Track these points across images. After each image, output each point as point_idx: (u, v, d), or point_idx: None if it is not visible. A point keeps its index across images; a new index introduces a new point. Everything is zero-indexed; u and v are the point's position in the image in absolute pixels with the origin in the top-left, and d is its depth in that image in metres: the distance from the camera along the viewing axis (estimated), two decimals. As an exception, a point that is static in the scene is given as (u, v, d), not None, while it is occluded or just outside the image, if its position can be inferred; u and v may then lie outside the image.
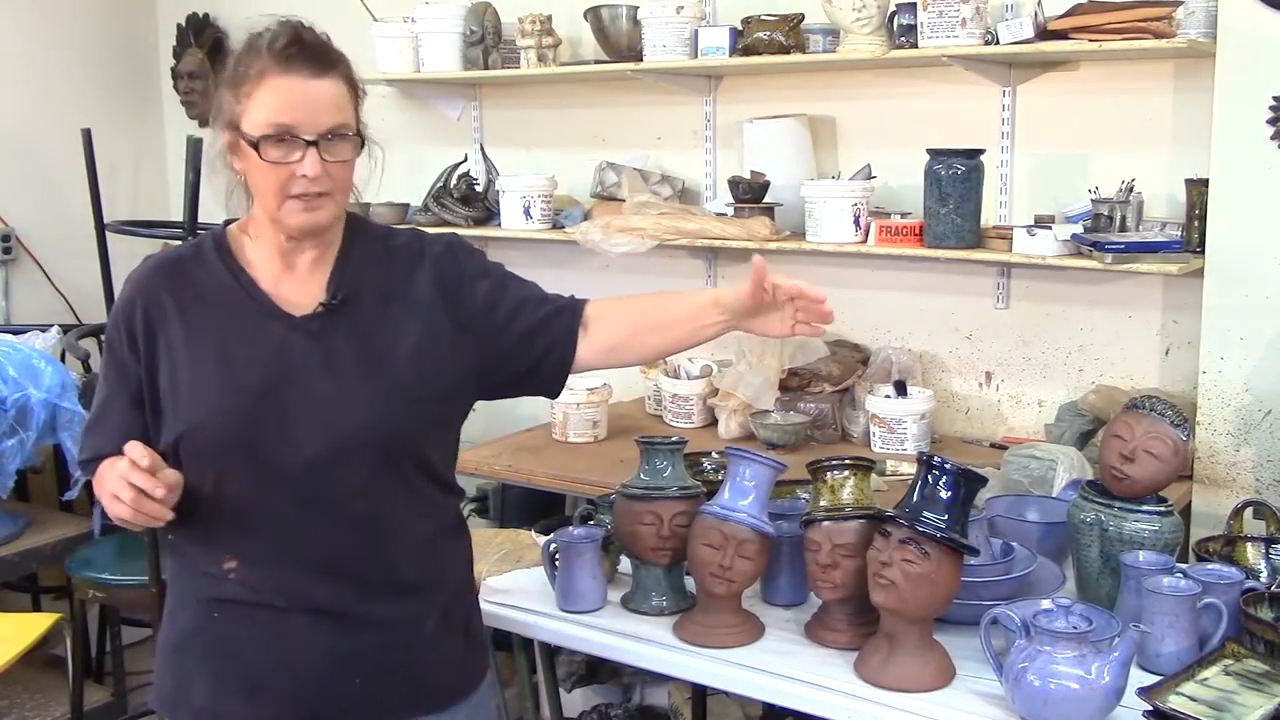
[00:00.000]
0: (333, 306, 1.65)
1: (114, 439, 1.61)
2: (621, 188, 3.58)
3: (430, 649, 1.72)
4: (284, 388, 1.61)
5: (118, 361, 1.68)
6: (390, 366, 1.65)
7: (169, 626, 1.73)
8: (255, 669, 1.65)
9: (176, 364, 1.63)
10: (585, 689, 3.31)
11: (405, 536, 1.68)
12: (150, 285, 1.67)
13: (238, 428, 1.59)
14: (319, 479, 1.60)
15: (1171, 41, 2.72)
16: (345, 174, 1.63)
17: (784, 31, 3.24)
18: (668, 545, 1.98)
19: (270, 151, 1.56)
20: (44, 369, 3.26)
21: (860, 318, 3.49)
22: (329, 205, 1.61)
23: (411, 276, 1.71)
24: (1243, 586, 1.87)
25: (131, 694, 3.64)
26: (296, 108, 1.56)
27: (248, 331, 1.64)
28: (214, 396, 1.61)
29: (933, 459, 1.78)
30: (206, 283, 1.67)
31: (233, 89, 1.60)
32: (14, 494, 3.37)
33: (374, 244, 1.73)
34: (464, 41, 3.74)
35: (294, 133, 1.56)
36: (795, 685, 1.81)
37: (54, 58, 4.47)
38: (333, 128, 1.58)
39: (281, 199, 1.58)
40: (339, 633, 1.65)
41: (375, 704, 1.67)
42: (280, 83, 1.56)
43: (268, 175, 1.57)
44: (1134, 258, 2.78)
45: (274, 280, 1.66)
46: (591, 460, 3.16)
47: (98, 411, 1.70)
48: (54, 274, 4.46)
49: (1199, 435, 2.79)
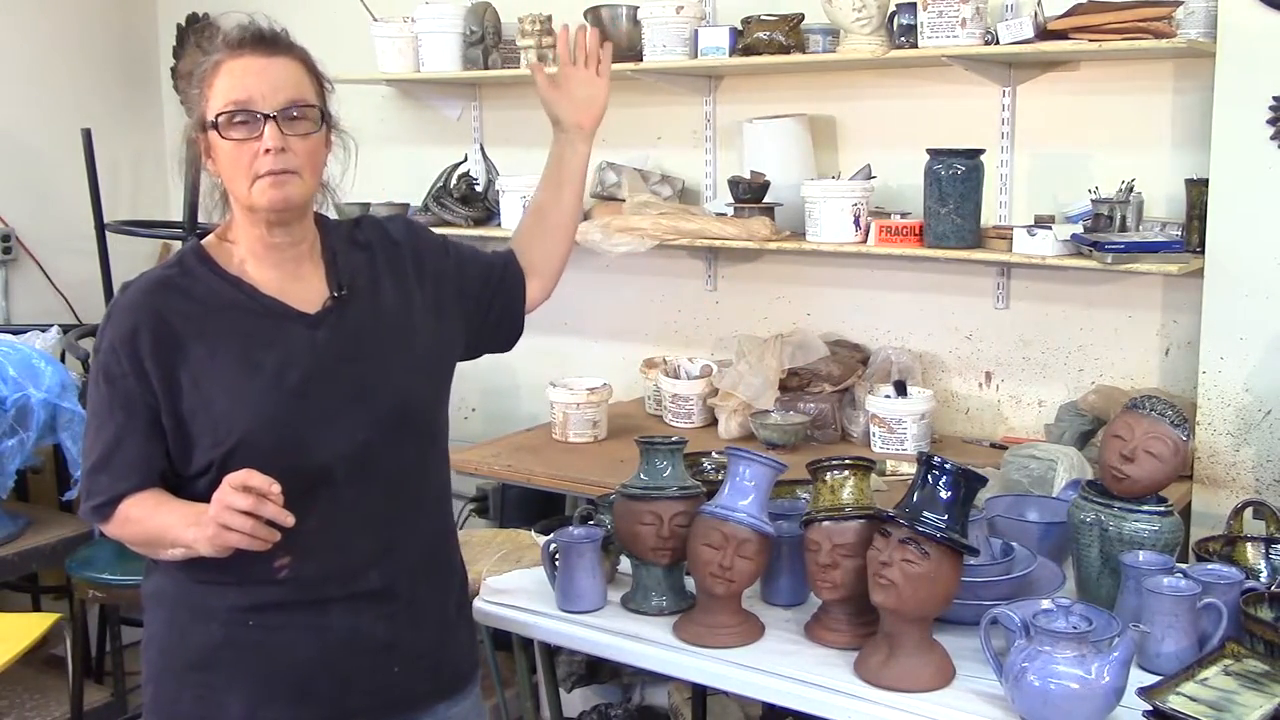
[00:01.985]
0: (341, 299, 1.70)
1: (133, 476, 1.61)
2: (621, 188, 3.58)
3: (451, 632, 1.80)
4: (319, 382, 1.64)
5: (122, 394, 1.62)
6: (407, 343, 1.74)
7: (179, 646, 1.68)
8: (299, 671, 1.65)
9: (201, 381, 1.61)
10: (585, 689, 3.31)
11: (439, 513, 1.81)
12: (150, 308, 1.63)
13: (288, 430, 1.61)
14: (367, 460, 1.65)
15: (1171, 41, 2.72)
16: (310, 150, 1.64)
17: (784, 31, 3.24)
18: (668, 545, 1.98)
19: (232, 131, 1.59)
20: (44, 369, 3.25)
21: (860, 318, 3.50)
22: (296, 183, 1.63)
23: (392, 258, 1.79)
24: (1243, 586, 1.87)
25: (131, 694, 3.64)
26: (250, 85, 1.60)
27: (266, 336, 1.65)
28: (257, 404, 1.61)
29: (933, 459, 1.78)
30: (208, 296, 1.65)
31: (197, 88, 1.64)
32: (14, 494, 3.37)
33: (344, 237, 1.78)
34: (464, 41, 3.74)
35: (251, 108, 1.59)
36: (795, 685, 1.81)
37: (54, 58, 4.47)
38: (290, 102, 1.61)
39: (250, 179, 1.61)
40: (380, 619, 1.68)
41: (410, 693, 1.73)
42: (234, 64, 1.61)
43: (233, 157, 1.60)
44: (1134, 258, 2.78)
45: (273, 284, 1.68)
46: (591, 460, 3.16)
47: (105, 450, 1.63)
48: (54, 274, 4.46)
49: (1199, 435, 2.79)
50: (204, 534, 1.52)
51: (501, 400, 4.08)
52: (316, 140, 1.65)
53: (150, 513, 1.62)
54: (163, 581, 1.70)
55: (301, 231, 1.70)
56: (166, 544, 1.61)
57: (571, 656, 3.14)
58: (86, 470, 1.66)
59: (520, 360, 4.10)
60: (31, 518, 3.53)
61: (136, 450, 1.62)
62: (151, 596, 1.73)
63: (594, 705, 3.24)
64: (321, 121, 1.65)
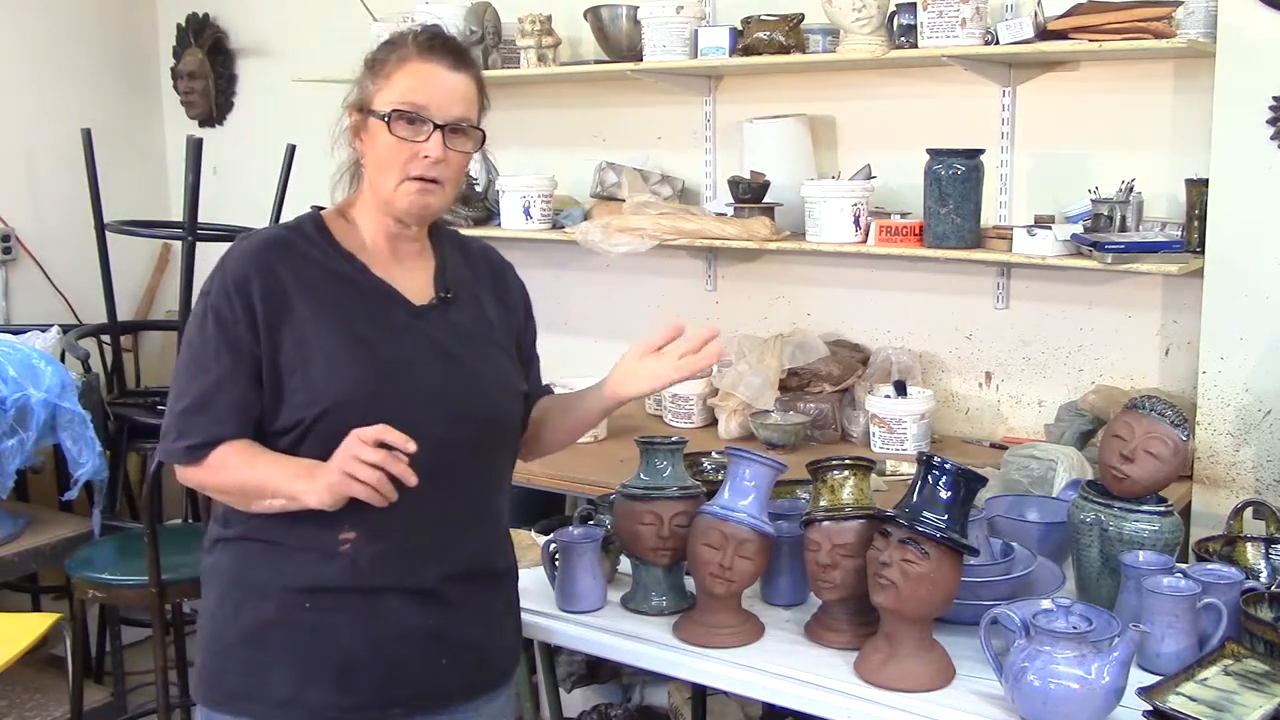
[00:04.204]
0: (446, 299, 1.76)
1: (232, 421, 1.63)
2: (621, 188, 3.58)
3: (499, 630, 1.82)
4: (414, 369, 1.68)
5: (231, 339, 1.63)
6: (499, 354, 1.81)
7: (232, 620, 1.70)
8: (347, 655, 1.67)
9: (304, 339, 1.64)
10: (585, 689, 3.31)
11: (499, 520, 1.84)
12: (265, 261, 1.67)
13: (378, 403, 1.63)
14: (443, 455, 1.66)
15: (1171, 41, 2.72)
16: (461, 166, 1.72)
17: (784, 31, 3.24)
18: (668, 545, 1.98)
19: (400, 128, 1.65)
20: (44, 369, 3.25)
21: (860, 318, 3.50)
22: (440, 194, 1.70)
23: (499, 284, 1.87)
24: (1243, 586, 1.87)
25: (131, 694, 3.65)
26: (430, 91, 1.67)
27: (371, 313, 1.69)
28: (354, 372, 1.64)
29: (933, 459, 1.78)
30: (322, 261, 1.70)
31: (371, 72, 1.71)
32: (14, 494, 3.38)
33: (455, 245, 1.85)
34: (464, 41, 3.74)
35: (424, 113, 1.66)
36: (795, 685, 1.81)
37: (54, 58, 4.48)
38: (461, 118, 1.69)
39: (400, 178, 1.67)
40: (430, 614, 1.70)
41: (453, 686, 1.74)
42: (420, 67, 1.68)
43: (392, 152, 1.66)
44: (1134, 258, 2.78)
45: (384, 268, 1.73)
46: (591, 460, 3.16)
47: (206, 392, 1.64)
48: (54, 274, 4.46)
49: (1199, 435, 2.79)
50: (322, 483, 1.56)
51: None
52: (468, 158, 1.73)
53: (249, 461, 1.64)
54: (222, 558, 1.73)
55: (422, 231, 1.78)
56: (267, 494, 1.62)
57: (571, 656, 3.15)
58: (180, 410, 1.65)
59: (520, 360, 4.13)
60: (31, 518, 3.54)
61: (239, 396, 1.64)
62: (209, 571, 1.75)
63: (594, 705, 3.24)
64: (479, 145, 1.73)
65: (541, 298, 1.92)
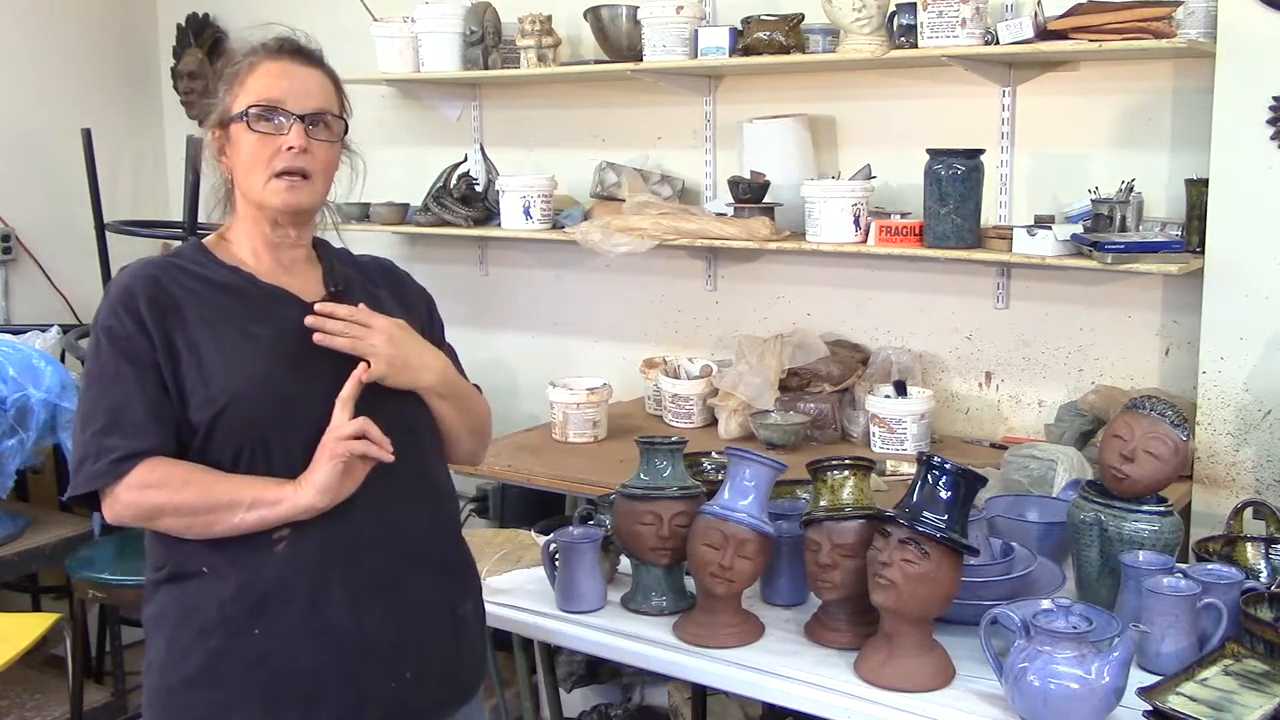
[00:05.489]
0: (337, 294, 1.74)
1: (154, 432, 1.58)
2: (621, 188, 3.58)
3: (464, 636, 1.78)
4: (316, 358, 1.64)
5: (128, 351, 1.59)
6: None
7: (177, 664, 1.62)
8: (309, 680, 1.60)
9: (196, 342, 1.61)
10: (585, 689, 3.31)
11: (438, 506, 1.77)
12: (148, 278, 1.65)
13: (282, 390, 1.62)
14: None
15: (1171, 41, 2.72)
16: (327, 158, 1.71)
17: (784, 31, 3.24)
18: (668, 545, 1.98)
19: (260, 124, 1.66)
20: (44, 369, 3.26)
21: (860, 318, 3.50)
22: (309, 189, 1.69)
23: (395, 286, 1.86)
24: (1242, 586, 1.87)
25: (131, 694, 3.64)
26: (285, 85, 1.68)
27: (264, 314, 1.67)
28: (252, 365, 1.62)
29: (933, 459, 1.78)
30: (208, 276, 1.69)
31: (226, 84, 1.71)
32: (14, 494, 3.38)
33: (343, 257, 1.84)
34: (464, 41, 3.74)
35: (281, 107, 1.66)
36: (795, 685, 1.82)
37: (54, 58, 4.48)
38: (318, 109, 1.69)
39: (267, 175, 1.66)
40: (389, 614, 1.64)
41: (421, 700, 1.69)
42: (271, 66, 1.69)
43: (255, 151, 1.66)
44: (1134, 258, 2.78)
45: (271, 276, 1.72)
46: (591, 460, 3.16)
47: (116, 410, 1.58)
48: (54, 274, 4.46)
49: (1199, 435, 2.79)
50: (311, 480, 1.57)
51: (501, 400, 4.07)
52: (334, 150, 1.72)
53: (209, 474, 1.58)
54: (164, 601, 1.65)
55: (302, 236, 1.76)
56: (241, 505, 1.56)
57: (571, 656, 3.15)
58: (92, 434, 1.58)
59: (520, 360, 4.13)
60: (31, 518, 3.54)
61: (152, 405, 1.59)
62: (152, 620, 1.67)
63: (594, 705, 3.24)
64: (341, 135, 1.73)
65: (541, 298, 1.92)
